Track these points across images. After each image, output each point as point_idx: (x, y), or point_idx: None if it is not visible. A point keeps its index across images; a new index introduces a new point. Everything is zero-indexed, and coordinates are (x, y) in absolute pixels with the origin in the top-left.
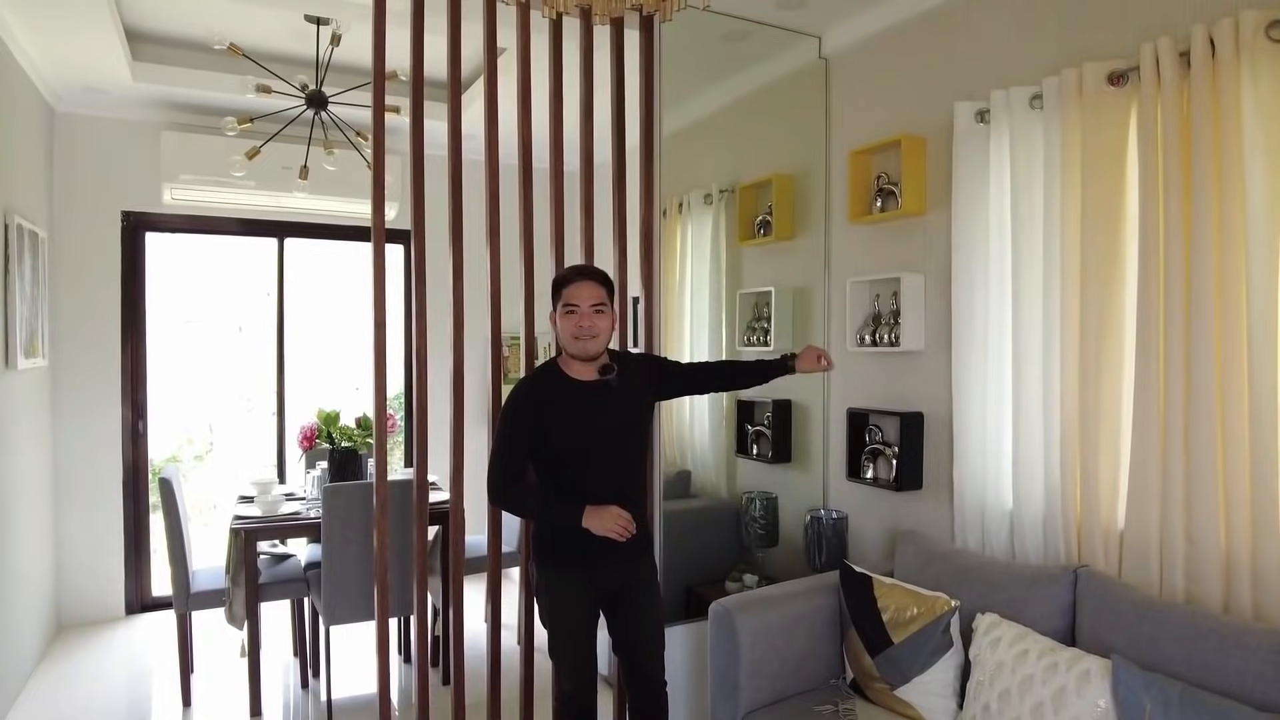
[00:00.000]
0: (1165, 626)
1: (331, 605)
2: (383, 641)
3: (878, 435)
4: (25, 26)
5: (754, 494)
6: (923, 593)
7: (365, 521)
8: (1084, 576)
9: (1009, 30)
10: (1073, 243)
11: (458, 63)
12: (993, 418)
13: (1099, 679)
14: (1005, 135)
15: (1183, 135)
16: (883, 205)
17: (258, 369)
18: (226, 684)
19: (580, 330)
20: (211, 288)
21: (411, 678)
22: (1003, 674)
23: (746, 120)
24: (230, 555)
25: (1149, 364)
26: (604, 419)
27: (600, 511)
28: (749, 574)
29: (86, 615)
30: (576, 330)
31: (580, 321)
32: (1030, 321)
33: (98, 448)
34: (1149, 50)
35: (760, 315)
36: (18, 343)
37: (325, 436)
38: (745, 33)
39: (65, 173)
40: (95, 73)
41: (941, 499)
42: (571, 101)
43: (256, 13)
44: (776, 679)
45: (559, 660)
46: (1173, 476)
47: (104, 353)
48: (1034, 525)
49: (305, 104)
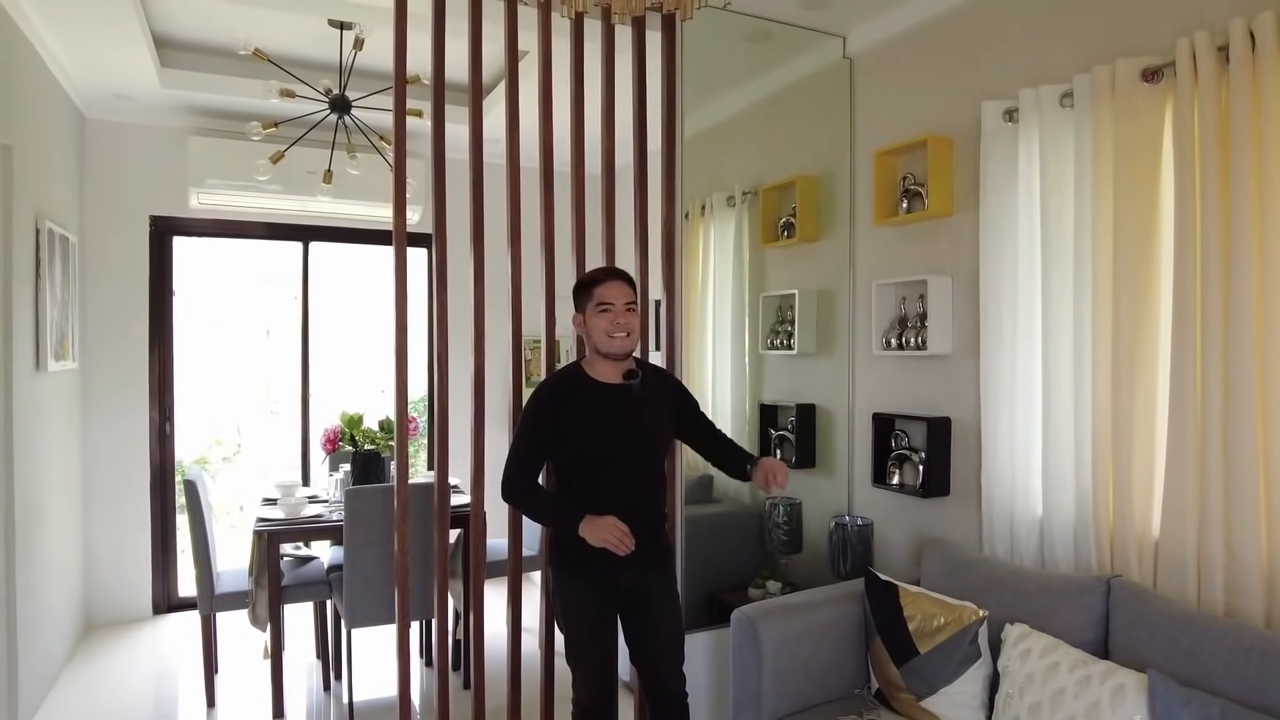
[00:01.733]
0: (1204, 640)
1: (353, 608)
2: (404, 645)
3: (904, 441)
4: (58, 36)
5: (777, 500)
6: (950, 602)
7: (387, 524)
8: (1117, 587)
9: (1038, 27)
10: (1105, 244)
11: (479, 66)
12: (1022, 423)
13: (1135, 694)
14: (1034, 135)
15: (1221, 132)
16: (909, 206)
17: (286, 371)
18: (250, 685)
19: (616, 327)
20: (237, 291)
21: (432, 681)
22: (1033, 686)
23: (769, 121)
24: (253, 557)
25: (1185, 369)
26: (625, 423)
27: (598, 521)
28: (772, 581)
29: (114, 615)
30: (612, 327)
31: (616, 319)
32: (1061, 324)
33: (125, 449)
34: (1185, 45)
35: (784, 318)
36: (48, 345)
37: (348, 439)
38: (768, 33)
39: (95, 178)
40: (124, 80)
41: (969, 506)
42: (593, 104)
43: (280, 18)
44: (800, 688)
45: (576, 667)
46: (1211, 485)
47: (132, 355)
48: (1064, 534)
49: (329, 108)
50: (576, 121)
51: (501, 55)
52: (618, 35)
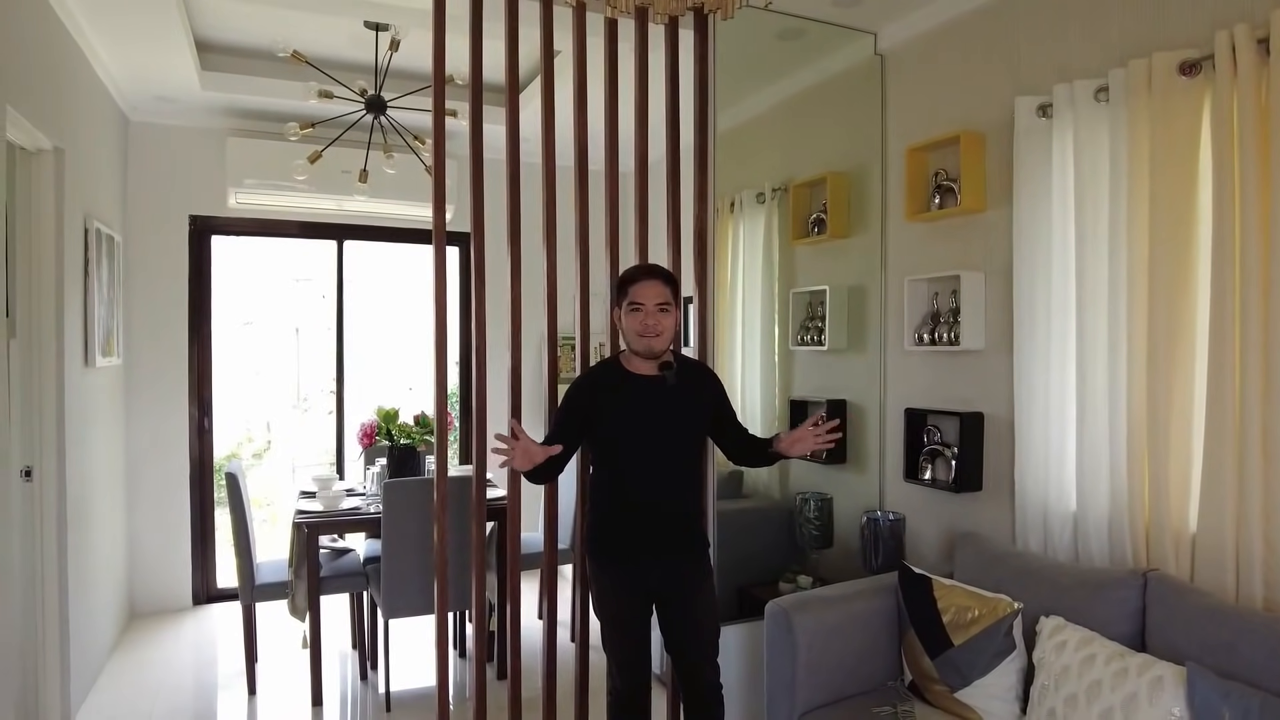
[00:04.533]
0: (1243, 634)
1: (391, 599)
2: (442, 635)
3: (936, 436)
4: (106, 42)
5: (808, 495)
6: (984, 594)
7: (423, 517)
8: (1154, 580)
9: (1071, 22)
10: (1141, 239)
11: (515, 66)
12: (1056, 418)
13: (1173, 686)
14: (1069, 130)
15: (1261, 126)
16: (941, 202)
17: (315, 369)
18: (289, 674)
19: (645, 328)
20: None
21: (467, 672)
22: (1069, 679)
23: (800, 118)
24: (293, 549)
25: (1223, 364)
26: (658, 415)
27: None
28: (803, 575)
29: (157, 605)
30: (641, 328)
31: (645, 320)
32: (1095, 319)
33: (167, 443)
34: (1224, 38)
35: (814, 315)
36: (96, 342)
37: (385, 434)
38: (800, 30)
39: (138, 178)
40: (167, 83)
41: (1002, 501)
42: (626, 102)
43: (317, 21)
44: (833, 679)
45: (611, 655)
46: (1249, 479)
47: (172, 352)
48: (1099, 528)
49: (365, 109)
50: (610, 120)
51: (531, 56)
52: (651, 34)
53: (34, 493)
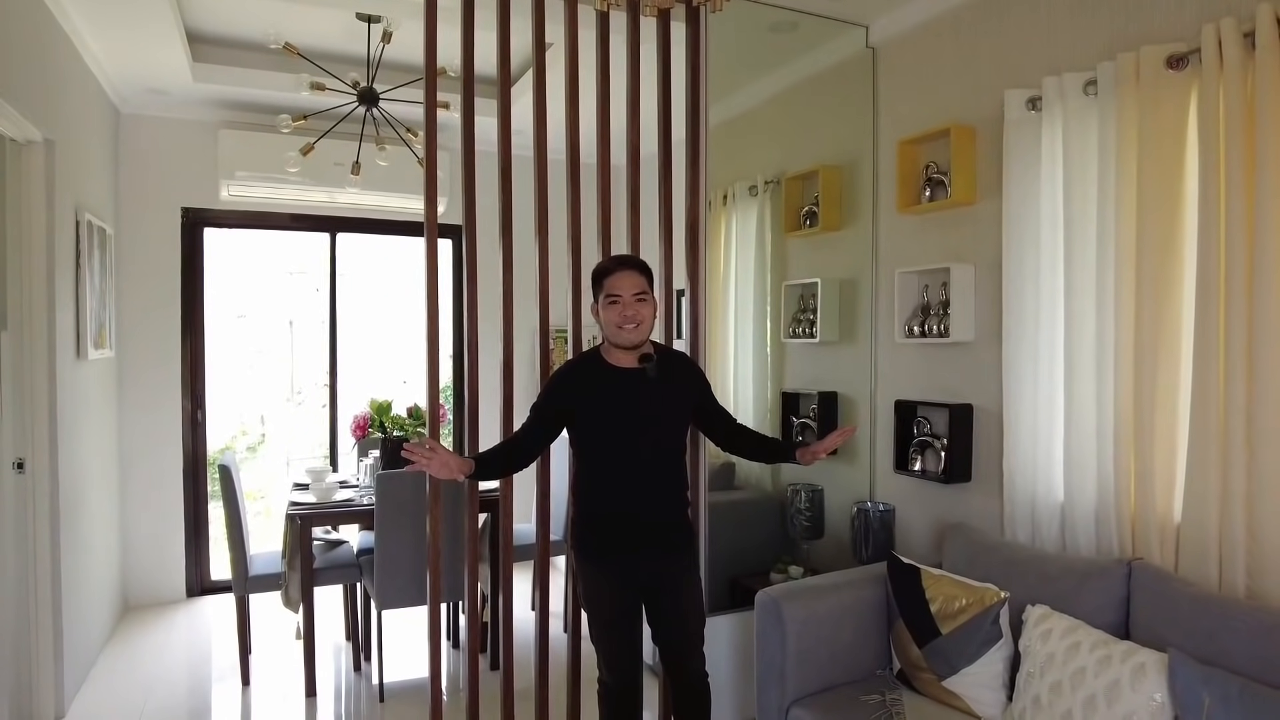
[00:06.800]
0: (1225, 623)
1: (384, 590)
2: (435, 626)
3: (926, 427)
4: (96, 33)
5: (799, 486)
6: (972, 584)
7: (417, 508)
8: (1139, 570)
9: (1061, 15)
10: (1128, 231)
11: (507, 59)
12: (1044, 409)
13: (1155, 673)
14: (1058, 122)
15: (1247, 119)
16: (932, 195)
17: (308, 362)
18: (283, 665)
19: (624, 319)
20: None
21: (460, 663)
22: (1054, 666)
23: (792, 111)
24: (286, 541)
25: (1208, 355)
26: (638, 407)
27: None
28: (794, 566)
29: (151, 597)
30: (620, 320)
31: (624, 311)
32: (1084, 311)
33: (160, 436)
34: (1211, 31)
35: (806, 307)
36: (88, 334)
37: (378, 426)
38: (792, 23)
39: (129, 171)
40: (158, 75)
41: (991, 492)
42: (618, 95)
43: (310, 13)
44: (823, 668)
45: (600, 649)
46: (1234, 470)
47: (166, 345)
48: (1086, 518)
49: (357, 101)
50: (602, 112)
51: (523, 49)
52: (643, 27)
53: (26, 485)
